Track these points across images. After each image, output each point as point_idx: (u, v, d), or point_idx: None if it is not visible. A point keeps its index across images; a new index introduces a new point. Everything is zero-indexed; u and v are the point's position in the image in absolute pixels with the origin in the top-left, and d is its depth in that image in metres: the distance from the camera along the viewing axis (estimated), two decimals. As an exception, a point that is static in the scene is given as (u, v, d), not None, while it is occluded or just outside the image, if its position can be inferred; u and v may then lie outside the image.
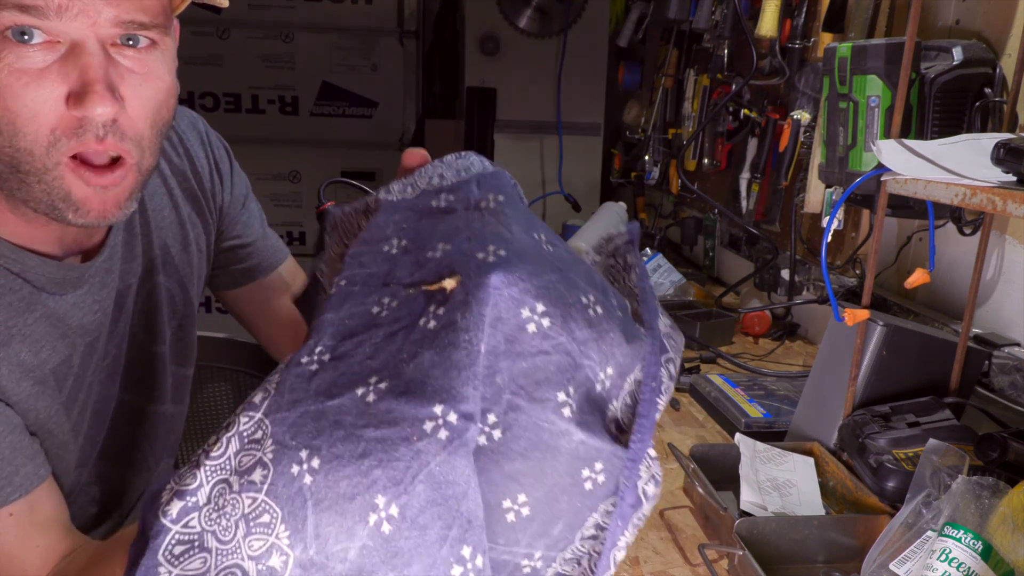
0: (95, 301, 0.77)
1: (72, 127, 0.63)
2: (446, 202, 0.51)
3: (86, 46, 0.62)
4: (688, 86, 2.17)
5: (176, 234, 0.90)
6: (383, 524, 0.40)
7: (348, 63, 3.12)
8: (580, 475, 0.46)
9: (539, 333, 0.44)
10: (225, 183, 0.97)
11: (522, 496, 0.45)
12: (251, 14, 3.04)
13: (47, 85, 0.62)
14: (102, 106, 0.62)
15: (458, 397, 0.41)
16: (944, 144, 0.88)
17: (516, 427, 0.44)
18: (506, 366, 0.44)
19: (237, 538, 0.42)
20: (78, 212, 0.66)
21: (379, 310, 0.46)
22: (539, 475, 0.45)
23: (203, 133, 0.95)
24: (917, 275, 0.92)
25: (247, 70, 3.09)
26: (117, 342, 0.83)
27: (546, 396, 0.44)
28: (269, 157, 3.13)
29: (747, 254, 1.93)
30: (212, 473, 0.43)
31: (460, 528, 0.41)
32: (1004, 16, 1.13)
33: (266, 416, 0.43)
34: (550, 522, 0.46)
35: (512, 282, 0.44)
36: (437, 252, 0.47)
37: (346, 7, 3.07)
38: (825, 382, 1.05)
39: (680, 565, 0.83)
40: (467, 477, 0.41)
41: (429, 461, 0.41)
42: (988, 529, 0.70)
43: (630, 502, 0.48)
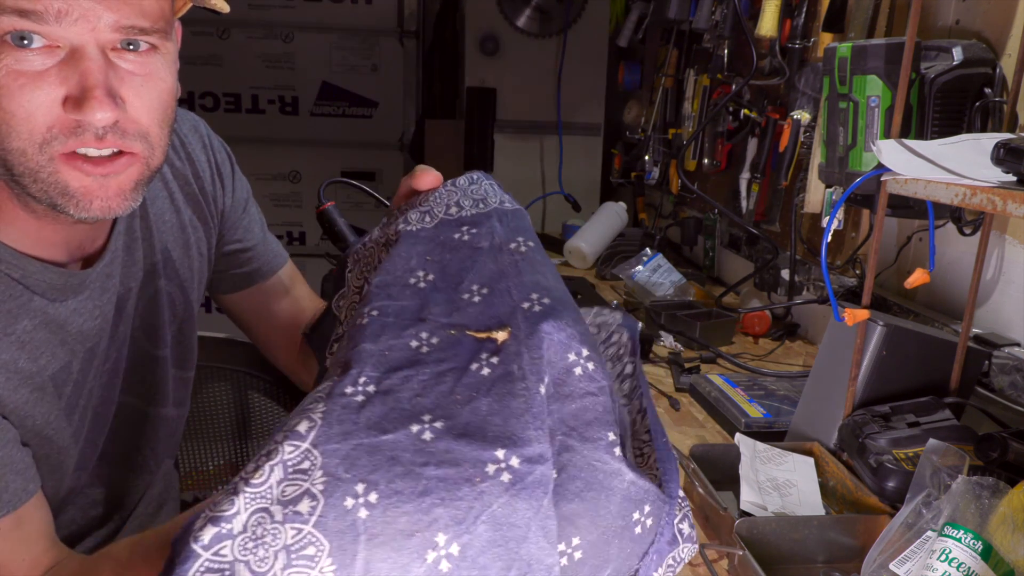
0: (96, 307, 0.77)
1: (70, 127, 0.63)
2: (469, 235, 0.52)
3: (86, 51, 0.62)
4: (688, 86, 2.17)
5: (177, 238, 0.90)
6: (442, 562, 0.40)
7: (348, 63, 3.12)
8: (631, 518, 0.46)
9: (585, 376, 0.46)
10: (227, 187, 0.97)
11: (576, 539, 0.44)
12: (251, 14, 3.04)
13: (44, 87, 0.61)
14: (101, 111, 0.62)
15: (520, 442, 0.42)
16: (944, 144, 0.88)
17: (571, 467, 0.44)
18: (556, 408, 0.45)
19: (275, 570, 0.40)
20: (79, 205, 0.66)
21: (418, 344, 0.47)
22: (594, 516, 0.44)
23: (205, 136, 0.94)
24: (917, 275, 0.92)
25: (247, 70, 3.09)
26: (118, 346, 0.83)
27: (597, 436, 0.45)
28: (269, 157, 3.13)
29: (747, 254, 1.93)
30: (251, 501, 0.41)
31: (519, 571, 0.41)
32: (1004, 16, 1.13)
33: (315, 447, 0.42)
34: (600, 567, 0.46)
35: (560, 328, 0.45)
36: (475, 296, 0.48)
37: (346, 7, 3.07)
38: (825, 382, 1.05)
39: (680, 565, 0.83)
40: (527, 520, 0.41)
41: (492, 503, 0.41)
42: (988, 529, 0.70)
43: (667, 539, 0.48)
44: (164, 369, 0.91)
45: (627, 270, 1.95)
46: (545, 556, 0.41)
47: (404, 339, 0.47)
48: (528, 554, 0.41)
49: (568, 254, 2.22)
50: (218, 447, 1.48)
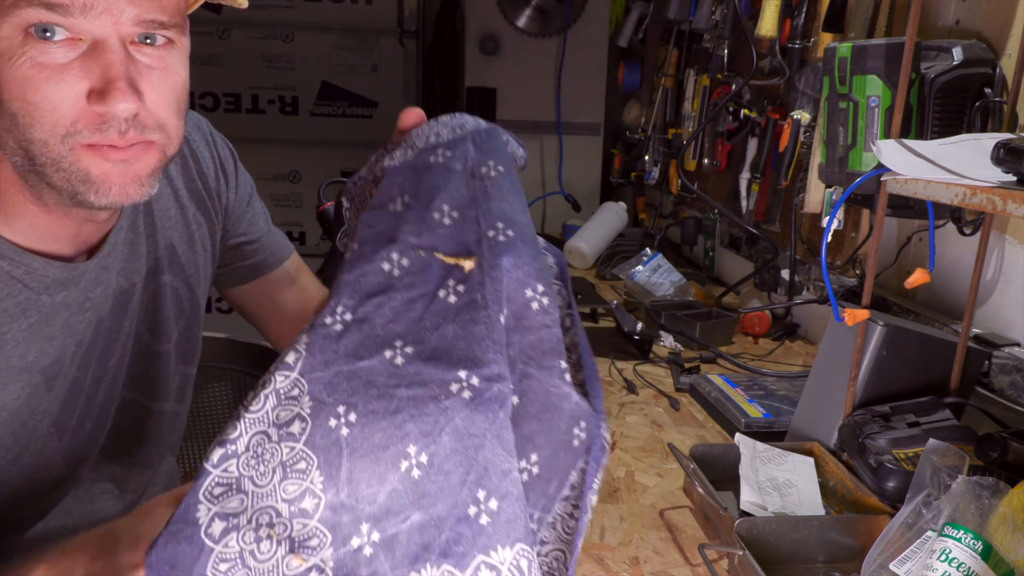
0: (86, 299, 0.77)
1: (94, 122, 0.64)
2: (443, 158, 0.55)
3: (108, 43, 0.63)
4: (688, 86, 2.17)
5: (182, 234, 0.90)
6: (413, 470, 0.46)
7: (348, 63, 3.12)
8: (572, 432, 0.52)
9: (541, 310, 0.51)
10: (230, 182, 0.98)
11: (534, 456, 0.50)
12: (251, 14, 3.04)
13: (69, 80, 0.63)
14: (124, 102, 0.63)
15: (480, 363, 0.47)
16: (944, 144, 0.88)
17: (531, 392, 0.50)
18: (516, 339, 0.50)
19: (273, 483, 0.46)
20: (99, 191, 0.67)
21: (390, 267, 0.51)
22: (548, 434, 0.51)
23: (207, 134, 0.96)
24: (917, 275, 0.92)
25: (247, 70, 3.09)
26: (123, 341, 0.84)
27: (552, 364, 0.51)
28: (269, 157, 3.13)
29: (747, 254, 1.93)
30: (251, 425, 0.48)
31: (477, 474, 0.46)
32: (1004, 16, 1.13)
33: (302, 376, 0.48)
34: (550, 480, 0.51)
35: (518, 265, 0.50)
36: (445, 218, 0.52)
37: (346, 7, 3.07)
38: (825, 382, 1.05)
39: (680, 565, 0.83)
40: (484, 430, 0.47)
41: (454, 417, 0.46)
42: (988, 529, 0.70)
43: (598, 447, 0.54)
44: (167, 364, 0.92)
45: (627, 270, 1.95)
46: (501, 462, 0.47)
47: (376, 263, 0.51)
48: (485, 459, 0.47)
49: (568, 254, 2.22)
50: (218, 447, 1.48)
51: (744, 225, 1.79)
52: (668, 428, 1.16)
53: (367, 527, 0.46)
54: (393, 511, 0.46)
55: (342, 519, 0.46)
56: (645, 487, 0.98)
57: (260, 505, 0.47)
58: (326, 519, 0.46)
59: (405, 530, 0.46)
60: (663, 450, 1.08)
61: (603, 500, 0.95)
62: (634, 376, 1.36)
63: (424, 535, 0.46)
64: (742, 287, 1.84)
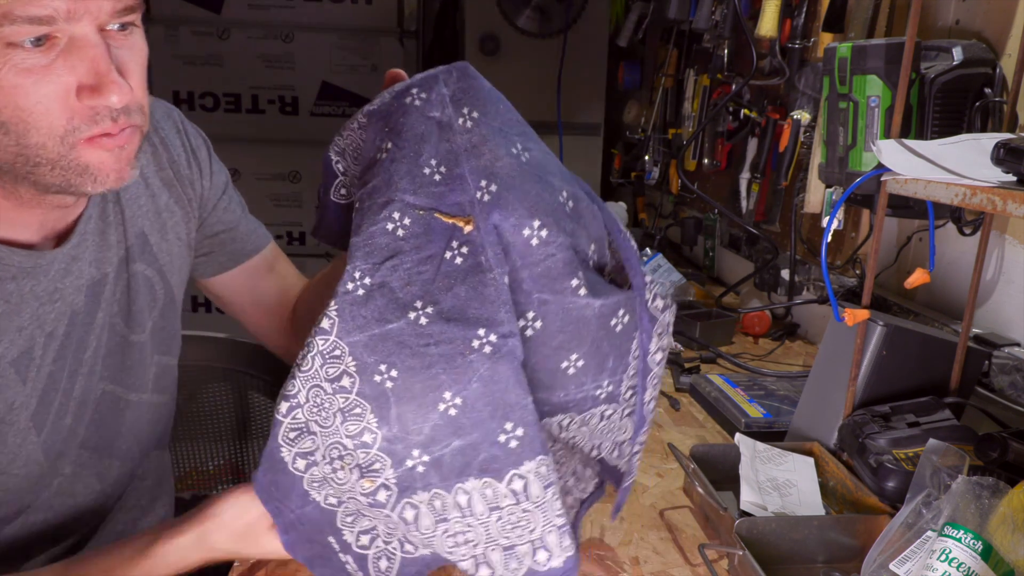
0: (56, 290, 0.77)
1: (88, 116, 0.65)
2: (419, 100, 0.61)
3: (88, 38, 0.64)
4: (688, 86, 2.17)
5: (153, 222, 0.90)
6: (450, 410, 0.55)
7: (348, 63, 3.12)
8: (609, 324, 0.60)
9: (542, 243, 0.56)
10: (203, 171, 0.98)
11: (574, 355, 0.59)
12: (251, 14, 3.04)
13: (56, 80, 0.63)
14: (118, 93, 0.65)
15: (495, 323, 0.55)
16: (944, 144, 0.88)
17: (550, 315, 0.57)
18: (527, 275, 0.57)
19: (335, 424, 0.57)
20: (97, 180, 0.68)
21: (394, 227, 0.57)
22: (579, 338, 0.59)
23: (178, 122, 0.96)
24: (917, 275, 0.92)
25: (247, 70, 3.09)
26: (97, 333, 0.83)
27: (563, 286, 0.57)
28: (269, 157, 3.13)
29: (747, 254, 1.93)
30: (306, 381, 0.57)
31: (503, 410, 0.55)
32: (1004, 16, 1.13)
33: (339, 339, 0.56)
34: (603, 361, 0.61)
35: (509, 214, 0.56)
36: (435, 174, 0.57)
37: (346, 7, 3.07)
38: (825, 382, 1.05)
39: (680, 565, 0.83)
40: (506, 378, 0.55)
41: (480, 368, 0.54)
42: (988, 529, 0.70)
43: (647, 320, 0.63)
44: (142, 354, 0.91)
45: (627, 270, 1.94)
46: (520, 399, 0.55)
47: (380, 223, 0.57)
48: (508, 400, 0.55)
49: (568, 254, 2.22)
50: (218, 447, 1.48)
51: (744, 225, 1.79)
52: (668, 428, 1.16)
53: (417, 451, 0.56)
54: (437, 439, 0.55)
55: (396, 447, 0.55)
56: (645, 487, 0.98)
57: (329, 442, 0.57)
58: (384, 448, 0.56)
59: (448, 453, 0.55)
60: (663, 450, 1.08)
61: (603, 500, 0.95)
62: (634, 376, 1.36)
63: (464, 456, 0.56)
64: (742, 287, 1.84)
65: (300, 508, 0.61)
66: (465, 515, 0.57)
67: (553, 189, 0.59)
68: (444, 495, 0.57)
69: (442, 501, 0.57)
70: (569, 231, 0.58)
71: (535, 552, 0.59)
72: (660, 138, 2.34)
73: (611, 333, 0.61)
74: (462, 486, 0.57)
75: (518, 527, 0.58)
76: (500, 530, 0.58)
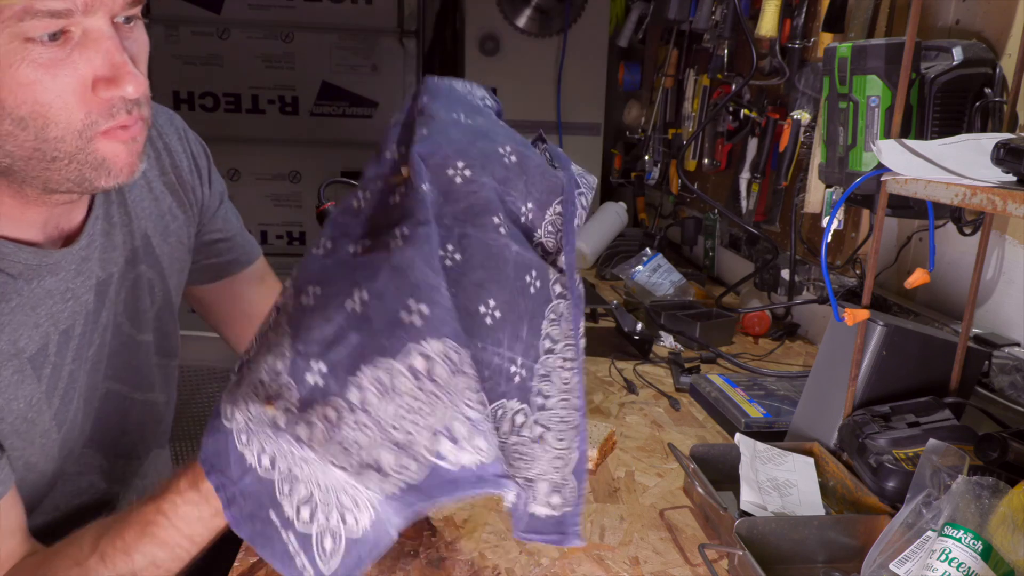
0: (68, 289, 0.78)
1: (105, 109, 0.66)
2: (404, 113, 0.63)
3: (102, 31, 0.64)
4: (688, 86, 2.17)
5: (156, 225, 0.91)
6: (356, 307, 0.53)
7: (348, 63, 3.12)
8: (524, 280, 0.59)
9: (465, 181, 0.57)
10: (203, 178, 0.99)
11: (492, 300, 0.57)
12: (251, 14, 3.04)
13: (73, 73, 0.64)
14: (133, 84, 0.65)
15: (409, 217, 0.55)
16: (944, 144, 0.88)
17: (470, 247, 0.57)
18: (449, 210, 0.57)
19: (259, 358, 0.56)
20: (111, 173, 0.69)
21: (358, 204, 0.59)
22: (498, 279, 0.57)
23: (180, 130, 0.97)
24: (917, 275, 0.92)
25: (247, 70, 3.09)
26: (101, 331, 0.84)
27: (484, 221, 0.57)
28: (269, 157, 3.13)
29: (747, 254, 1.93)
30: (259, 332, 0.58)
31: (409, 290, 0.53)
32: (1004, 16, 1.13)
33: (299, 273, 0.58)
34: (518, 323, 0.58)
35: (432, 152, 0.57)
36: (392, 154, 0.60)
37: (346, 7, 3.07)
38: (825, 382, 1.05)
39: (680, 565, 0.83)
40: (412, 257, 0.53)
41: (390, 257, 0.53)
42: (988, 529, 0.70)
43: (578, 302, 0.62)
44: (148, 354, 0.92)
45: (627, 270, 1.95)
46: (429, 279, 0.53)
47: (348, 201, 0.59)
48: (414, 279, 0.53)
49: (568, 254, 2.22)
50: (218, 447, 1.48)
51: (744, 225, 1.79)
52: (668, 428, 1.16)
53: (315, 362, 0.53)
54: (337, 340, 0.53)
55: (299, 364, 0.53)
56: (645, 487, 0.98)
57: (251, 379, 0.56)
58: (292, 372, 0.53)
59: (345, 349, 0.52)
60: (663, 450, 1.08)
61: (603, 500, 0.95)
62: (634, 376, 1.36)
63: (362, 348, 0.52)
64: (742, 287, 1.84)
65: (240, 479, 0.58)
66: (356, 412, 0.52)
67: (492, 141, 0.61)
68: (338, 402, 0.52)
69: (336, 410, 0.53)
70: (500, 179, 0.59)
71: (437, 440, 0.53)
72: (660, 138, 2.34)
73: (526, 291, 0.59)
74: (355, 380, 0.52)
75: (417, 414, 0.52)
76: (394, 419, 0.52)
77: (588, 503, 0.93)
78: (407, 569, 0.79)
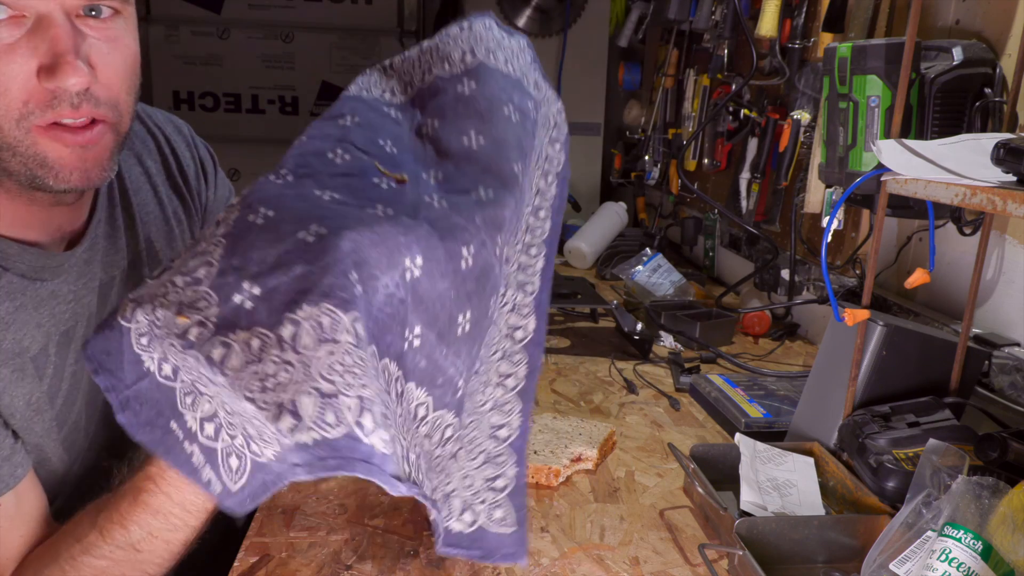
0: (71, 291, 0.78)
1: (46, 99, 0.63)
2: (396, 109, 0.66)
3: (53, 18, 0.62)
4: (688, 86, 2.17)
5: (161, 229, 0.91)
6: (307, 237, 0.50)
7: (348, 63, 3.13)
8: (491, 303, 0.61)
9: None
10: (210, 183, 1.00)
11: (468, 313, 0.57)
12: (251, 14, 3.04)
13: (17, 60, 0.62)
14: (75, 76, 0.62)
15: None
16: (944, 144, 0.88)
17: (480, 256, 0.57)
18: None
19: (176, 264, 0.54)
20: (59, 176, 0.66)
21: (334, 157, 0.58)
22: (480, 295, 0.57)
23: (188, 136, 0.97)
24: (917, 275, 0.92)
25: (247, 70, 3.10)
26: None
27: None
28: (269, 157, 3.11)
29: (747, 254, 1.93)
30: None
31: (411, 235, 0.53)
32: (1004, 16, 1.13)
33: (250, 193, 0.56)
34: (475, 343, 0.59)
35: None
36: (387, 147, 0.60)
37: (346, 7, 3.07)
38: (825, 382, 1.05)
39: (680, 565, 0.83)
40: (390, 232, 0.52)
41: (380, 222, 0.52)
42: (988, 529, 0.70)
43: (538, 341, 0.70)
44: None
45: (627, 270, 1.95)
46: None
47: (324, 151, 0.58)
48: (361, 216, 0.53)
49: (568, 254, 2.22)
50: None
51: (744, 225, 1.79)
52: (668, 428, 1.16)
53: (248, 284, 0.49)
54: (280, 266, 0.49)
55: (228, 280, 0.50)
56: (645, 487, 0.98)
57: (161, 281, 0.52)
58: (214, 284, 0.50)
59: (287, 280, 0.49)
60: (663, 450, 1.08)
61: (603, 500, 0.95)
62: (634, 376, 1.36)
63: (306, 282, 0.48)
64: (742, 287, 1.84)
65: (135, 383, 0.54)
66: (285, 350, 0.48)
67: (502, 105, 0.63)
68: (266, 333, 0.48)
69: (262, 341, 0.48)
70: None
71: (361, 412, 0.49)
72: (660, 138, 2.34)
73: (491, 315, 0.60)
74: (292, 315, 0.48)
75: (351, 372, 0.48)
76: (327, 369, 0.48)
77: (588, 503, 0.93)
78: (407, 569, 0.79)
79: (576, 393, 1.28)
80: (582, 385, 1.31)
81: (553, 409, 1.20)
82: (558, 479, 0.96)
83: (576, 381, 1.33)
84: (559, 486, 0.96)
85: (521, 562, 0.63)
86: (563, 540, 0.85)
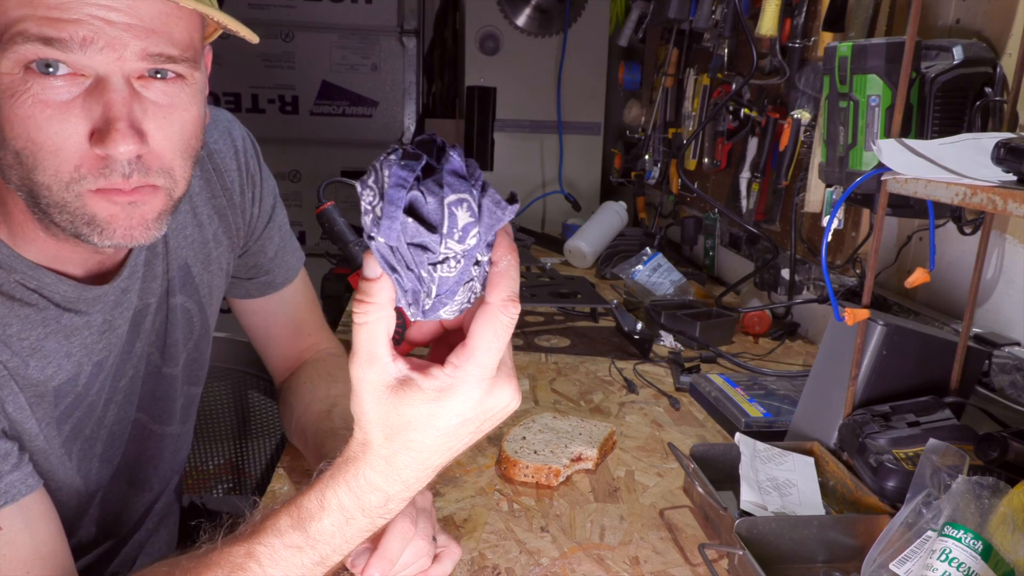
0: (105, 321, 0.77)
1: (97, 166, 0.62)
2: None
3: (111, 81, 0.60)
4: (688, 85, 2.17)
5: (198, 253, 0.89)
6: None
7: (348, 63, 3.12)
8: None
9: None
10: (255, 195, 0.96)
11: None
12: (251, 14, 3.04)
13: (71, 120, 0.60)
14: (124, 144, 0.61)
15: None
16: (944, 144, 0.88)
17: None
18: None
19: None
20: (103, 233, 0.65)
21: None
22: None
23: (236, 140, 0.93)
24: (917, 275, 0.92)
25: (247, 70, 3.09)
26: (134, 362, 0.83)
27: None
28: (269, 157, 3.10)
29: (747, 254, 1.93)
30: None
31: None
32: (1004, 16, 1.13)
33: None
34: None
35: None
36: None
37: (346, 7, 3.07)
38: (825, 382, 1.05)
39: (680, 565, 0.83)
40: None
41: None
42: (988, 529, 0.70)
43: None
44: (173, 388, 0.91)
45: (627, 270, 1.95)
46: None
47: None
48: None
49: (568, 254, 2.22)
50: (218, 446, 1.48)
51: (744, 225, 1.79)
52: (668, 428, 1.16)
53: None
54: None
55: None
56: (645, 487, 0.98)
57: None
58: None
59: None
60: (663, 450, 1.08)
61: (603, 500, 0.95)
62: (634, 376, 1.36)
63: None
64: (742, 287, 1.84)
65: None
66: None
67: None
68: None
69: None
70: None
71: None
72: (660, 137, 2.34)
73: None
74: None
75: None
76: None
77: (588, 503, 0.93)
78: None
79: (576, 393, 1.28)
80: (582, 385, 1.31)
81: (553, 409, 1.20)
82: (558, 479, 0.96)
83: (576, 381, 1.33)
84: (559, 486, 0.96)
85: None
86: (563, 540, 0.85)
